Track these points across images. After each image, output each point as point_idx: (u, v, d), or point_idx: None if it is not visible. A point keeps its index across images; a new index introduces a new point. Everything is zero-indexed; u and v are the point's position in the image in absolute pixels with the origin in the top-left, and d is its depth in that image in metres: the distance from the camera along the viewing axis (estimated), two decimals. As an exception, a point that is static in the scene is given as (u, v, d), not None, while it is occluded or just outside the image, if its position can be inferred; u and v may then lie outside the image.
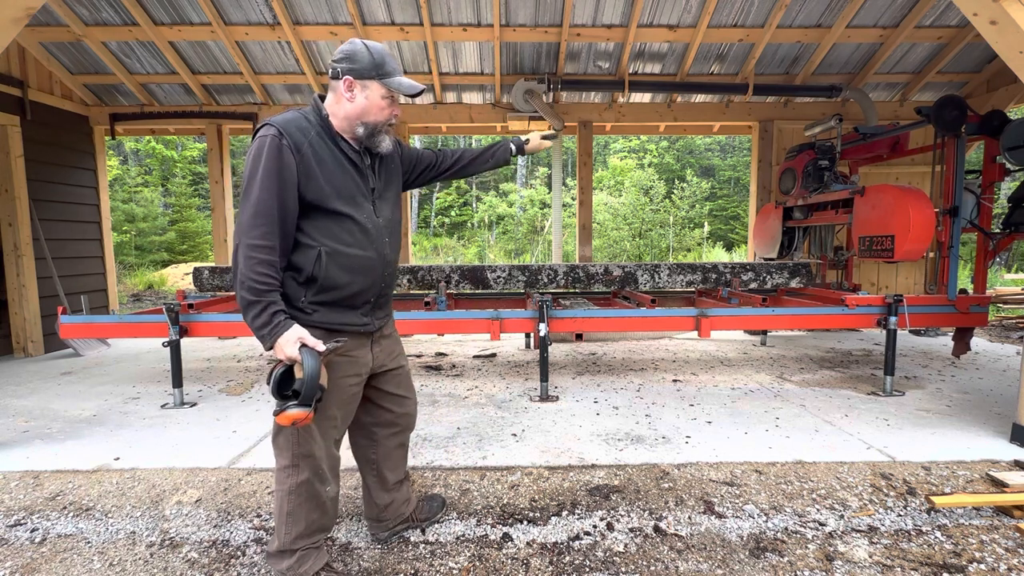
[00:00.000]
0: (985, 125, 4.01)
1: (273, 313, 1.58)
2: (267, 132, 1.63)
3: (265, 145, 1.61)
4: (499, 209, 19.13)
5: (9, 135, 5.17)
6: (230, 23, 5.33)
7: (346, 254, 1.73)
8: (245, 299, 1.58)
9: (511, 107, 6.11)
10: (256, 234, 1.58)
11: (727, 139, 23.22)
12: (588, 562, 2.02)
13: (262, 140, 1.62)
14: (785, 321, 3.90)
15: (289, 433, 1.74)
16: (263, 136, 1.63)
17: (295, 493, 1.76)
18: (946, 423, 3.21)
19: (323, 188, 1.68)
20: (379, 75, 1.72)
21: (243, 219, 1.60)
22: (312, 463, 1.77)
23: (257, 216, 1.58)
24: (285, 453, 1.76)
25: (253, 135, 1.68)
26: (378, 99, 1.74)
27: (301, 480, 1.76)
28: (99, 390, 4.14)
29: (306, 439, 1.75)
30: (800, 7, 5.24)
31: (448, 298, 4.28)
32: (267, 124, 1.65)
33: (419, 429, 3.20)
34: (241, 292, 1.58)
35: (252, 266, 1.57)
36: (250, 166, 1.62)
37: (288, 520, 1.77)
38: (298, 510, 1.77)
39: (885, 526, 2.22)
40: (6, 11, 2.71)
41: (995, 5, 2.49)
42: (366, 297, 1.82)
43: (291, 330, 1.58)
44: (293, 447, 1.75)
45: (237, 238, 1.60)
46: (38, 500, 2.45)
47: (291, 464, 1.76)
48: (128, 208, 15.42)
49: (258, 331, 1.58)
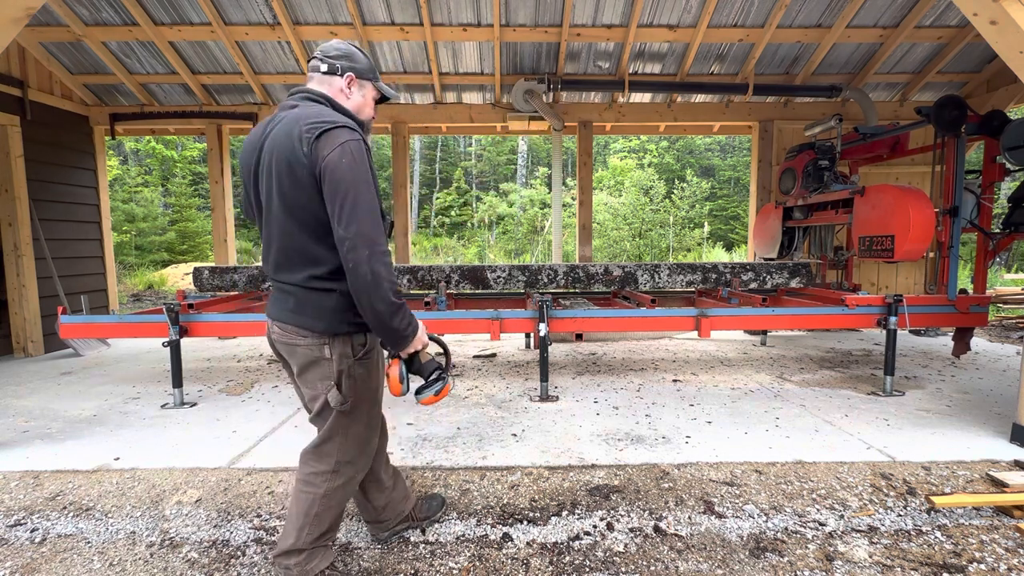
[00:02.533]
0: (985, 125, 4.01)
1: (410, 312, 1.67)
2: (354, 136, 1.59)
3: (361, 150, 1.60)
4: (499, 209, 19.13)
5: (9, 135, 5.17)
6: (230, 23, 5.33)
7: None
8: (395, 304, 1.60)
9: (511, 107, 6.11)
10: (382, 240, 1.60)
11: (727, 139, 23.22)
12: (588, 562, 2.02)
13: (357, 144, 1.59)
14: (785, 321, 3.90)
15: (339, 441, 1.77)
16: (355, 140, 1.59)
17: (329, 497, 1.78)
18: (946, 423, 3.21)
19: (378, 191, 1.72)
20: (374, 77, 1.83)
21: (366, 227, 1.55)
22: (350, 468, 1.81)
23: (376, 222, 1.59)
24: (328, 460, 1.78)
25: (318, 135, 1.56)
26: (370, 99, 1.84)
27: (338, 485, 1.79)
28: (99, 390, 4.14)
29: (353, 446, 1.79)
30: (800, 7, 5.24)
31: (448, 298, 4.28)
32: (345, 127, 1.59)
33: (419, 429, 3.20)
34: (391, 298, 1.59)
35: (391, 272, 1.60)
36: (351, 172, 1.55)
37: (314, 521, 1.77)
38: (326, 513, 1.79)
39: (885, 526, 2.22)
40: (6, 11, 2.71)
41: (995, 5, 2.49)
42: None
43: (421, 323, 1.74)
44: (339, 454, 1.78)
45: (368, 247, 1.55)
46: (38, 500, 2.45)
47: (332, 470, 1.78)
48: (128, 208, 15.41)
49: (403, 332, 1.65)
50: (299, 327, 1.69)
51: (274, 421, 3.38)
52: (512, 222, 18.62)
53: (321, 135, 1.57)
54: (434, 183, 23.29)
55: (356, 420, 1.78)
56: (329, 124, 1.58)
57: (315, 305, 1.67)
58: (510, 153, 23.98)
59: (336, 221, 1.56)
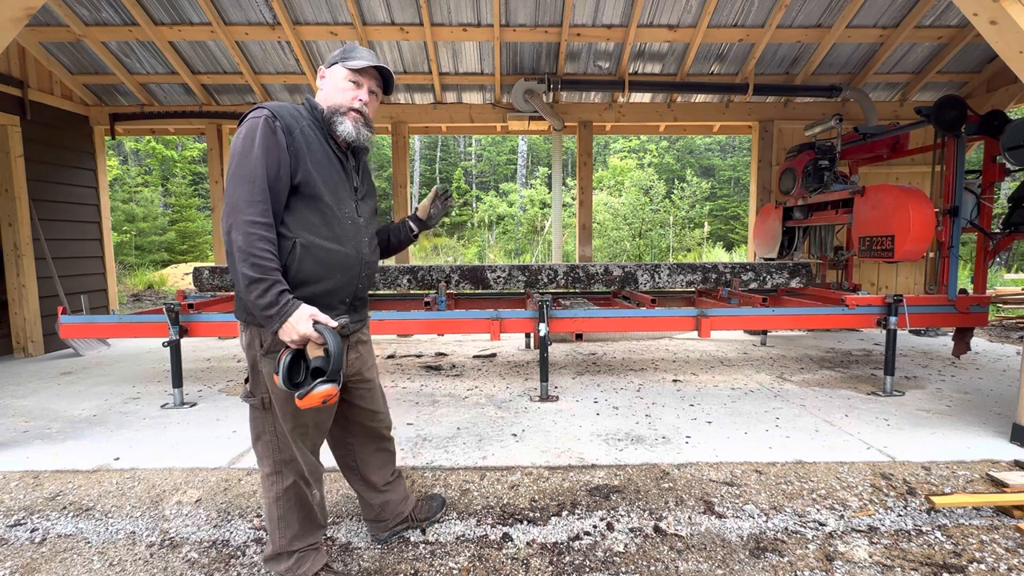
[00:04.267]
0: (985, 125, 4.01)
1: (280, 292, 1.51)
2: (259, 113, 1.60)
3: (259, 125, 1.57)
4: (499, 209, 19.14)
5: (9, 135, 5.17)
6: (230, 23, 5.33)
7: (323, 248, 1.68)
8: (248, 276, 1.49)
9: (511, 107, 6.11)
10: (255, 211, 1.52)
11: (727, 139, 23.22)
12: (588, 562, 2.02)
13: (254, 120, 1.59)
14: (785, 321, 3.90)
15: (268, 440, 1.72)
16: (255, 117, 1.60)
17: (283, 499, 1.75)
18: (946, 423, 3.20)
19: (311, 173, 1.66)
20: (343, 59, 1.77)
21: (237, 197, 1.52)
22: (296, 467, 1.74)
23: (255, 193, 1.53)
24: (266, 460, 1.74)
25: (241, 119, 1.62)
26: (340, 80, 1.75)
27: (287, 485, 1.74)
28: (99, 390, 4.14)
29: (286, 445, 1.72)
30: (800, 7, 5.24)
31: (448, 298, 4.27)
32: (259, 107, 1.63)
33: (419, 429, 3.20)
34: (243, 270, 1.49)
35: (254, 242, 1.50)
36: (241, 145, 1.56)
37: (280, 524, 1.76)
38: (289, 514, 1.76)
39: (885, 526, 2.22)
40: (6, 11, 2.71)
41: (995, 5, 2.49)
42: (341, 296, 1.77)
43: (300, 308, 1.52)
44: (273, 454, 1.73)
45: (232, 216, 1.51)
46: (38, 500, 2.45)
47: (274, 471, 1.74)
48: (128, 208, 15.42)
49: (264, 311, 1.50)
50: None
51: (274, 421, 3.37)
52: (512, 222, 18.62)
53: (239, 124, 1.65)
54: (434, 183, 23.30)
55: (283, 418, 1.68)
56: (254, 107, 1.63)
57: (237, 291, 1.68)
58: (510, 153, 24.00)
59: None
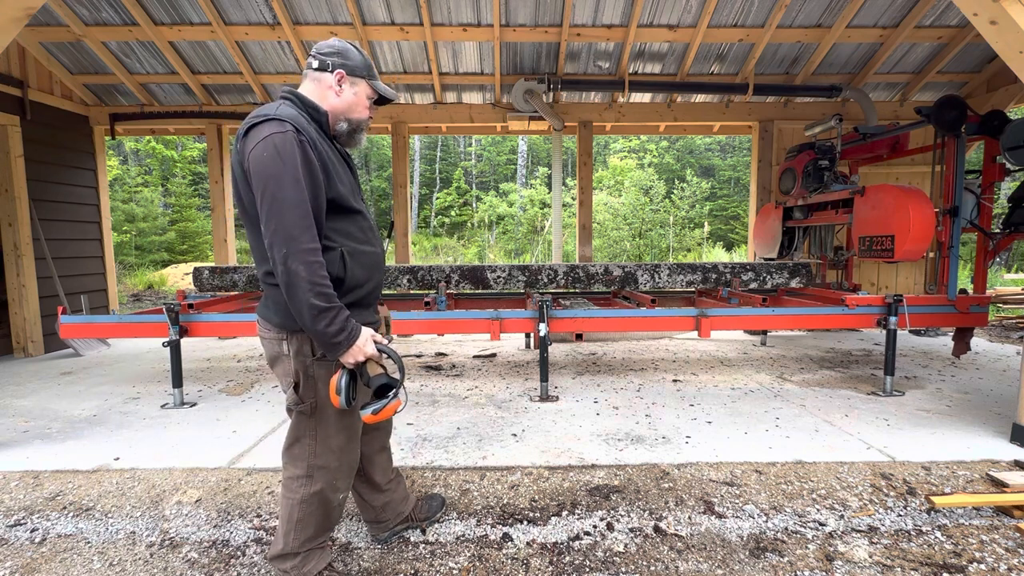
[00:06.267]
0: (985, 125, 4.01)
1: (346, 318, 1.54)
2: (283, 128, 1.51)
3: (290, 143, 1.50)
4: (499, 209, 19.13)
5: (9, 135, 5.17)
6: (230, 23, 5.33)
7: (363, 252, 1.72)
8: (318, 307, 1.48)
9: (511, 107, 6.11)
10: (308, 238, 1.49)
11: (727, 139, 23.21)
12: (588, 562, 2.02)
13: (282, 137, 1.50)
14: (785, 321, 3.90)
15: (307, 443, 1.72)
16: (281, 133, 1.50)
17: (307, 503, 1.74)
18: (946, 423, 3.21)
19: (340, 186, 1.65)
20: (369, 76, 1.76)
21: (290, 224, 1.47)
22: (327, 474, 1.74)
23: (304, 218, 1.49)
24: (300, 463, 1.74)
25: (250, 126, 1.54)
26: (364, 98, 1.76)
27: (314, 491, 1.74)
28: (99, 390, 4.14)
29: (324, 451, 1.73)
30: (800, 7, 5.24)
31: (448, 298, 4.27)
32: (275, 120, 1.52)
33: (419, 429, 3.20)
34: (312, 300, 1.48)
35: (316, 271, 1.49)
36: (273, 166, 1.48)
37: (297, 527, 1.75)
38: (308, 518, 1.76)
39: (885, 526, 2.22)
40: (6, 11, 2.71)
41: (995, 5, 2.49)
42: (376, 294, 1.84)
43: (364, 331, 1.58)
44: (309, 458, 1.73)
45: (288, 245, 1.47)
46: (38, 500, 2.45)
47: (305, 475, 1.73)
48: (128, 208, 15.41)
49: (333, 338, 1.52)
50: (264, 319, 1.72)
51: (274, 421, 3.38)
52: (512, 222, 18.62)
53: (248, 131, 1.54)
54: (434, 183, 23.30)
55: (325, 424, 1.71)
56: (259, 119, 1.54)
57: (273, 299, 1.68)
58: (510, 153, 23.99)
59: (261, 218, 1.51)
